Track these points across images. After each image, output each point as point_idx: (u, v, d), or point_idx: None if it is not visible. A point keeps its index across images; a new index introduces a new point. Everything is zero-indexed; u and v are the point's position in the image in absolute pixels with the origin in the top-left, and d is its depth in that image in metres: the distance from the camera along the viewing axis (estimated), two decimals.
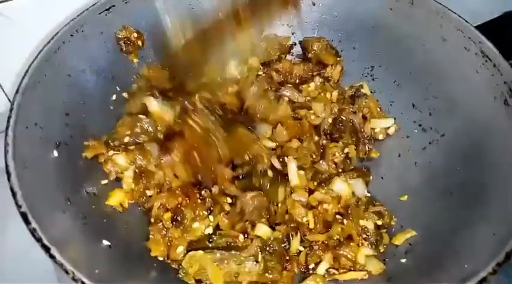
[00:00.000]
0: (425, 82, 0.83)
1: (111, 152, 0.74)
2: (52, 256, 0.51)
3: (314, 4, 0.92)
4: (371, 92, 0.89)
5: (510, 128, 0.67)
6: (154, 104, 0.78)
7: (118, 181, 0.74)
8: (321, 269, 0.65)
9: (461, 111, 0.76)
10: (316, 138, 0.82)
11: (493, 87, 0.71)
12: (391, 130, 0.84)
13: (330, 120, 0.83)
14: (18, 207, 0.54)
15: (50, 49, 0.71)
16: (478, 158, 0.70)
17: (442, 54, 0.80)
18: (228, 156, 0.73)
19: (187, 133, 0.72)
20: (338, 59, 0.91)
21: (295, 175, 0.74)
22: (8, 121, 0.61)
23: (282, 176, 0.75)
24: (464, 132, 0.75)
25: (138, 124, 0.77)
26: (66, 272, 0.50)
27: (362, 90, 0.87)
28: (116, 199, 0.71)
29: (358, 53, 0.92)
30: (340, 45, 0.93)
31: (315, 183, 0.75)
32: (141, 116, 0.77)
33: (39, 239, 0.52)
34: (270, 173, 0.73)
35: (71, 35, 0.75)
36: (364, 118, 0.84)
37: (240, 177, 0.75)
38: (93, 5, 0.78)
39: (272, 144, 0.79)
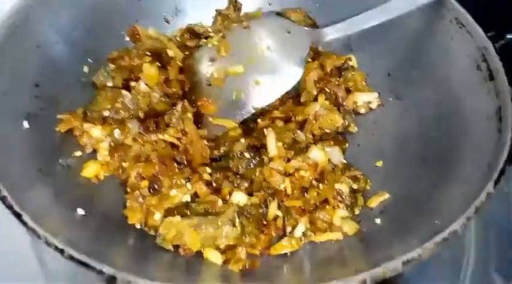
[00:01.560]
0: (401, 51, 0.84)
1: (86, 125, 0.73)
2: (24, 222, 0.51)
3: None
4: None
5: (482, 92, 0.69)
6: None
7: (94, 152, 0.73)
8: (298, 232, 0.66)
9: (435, 79, 0.77)
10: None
11: (467, 53, 0.73)
12: (373, 105, 0.84)
13: (315, 92, 0.82)
14: None
15: (17, 18, 0.69)
16: (450, 123, 0.72)
17: (416, 22, 0.81)
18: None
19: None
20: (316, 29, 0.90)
21: (273, 147, 0.74)
22: None
23: (259, 155, 0.73)
24: (438, 99, 0.76)
25: (120, 99, 0.75)
26: (39, 237, 0.50)
27: (350, 62, 0.87)
28: (91, 171, 0.70)
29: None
30: (317, 16, 0.92)
31: (292, 153, 0.75)
32: (124, 92, 0.75)
33: (9, 207, 0.52)
34: (247, 155, 0.72)
35: (40, 4, 0.72)
36: (348, 91, 0.84)
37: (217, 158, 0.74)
38: None
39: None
